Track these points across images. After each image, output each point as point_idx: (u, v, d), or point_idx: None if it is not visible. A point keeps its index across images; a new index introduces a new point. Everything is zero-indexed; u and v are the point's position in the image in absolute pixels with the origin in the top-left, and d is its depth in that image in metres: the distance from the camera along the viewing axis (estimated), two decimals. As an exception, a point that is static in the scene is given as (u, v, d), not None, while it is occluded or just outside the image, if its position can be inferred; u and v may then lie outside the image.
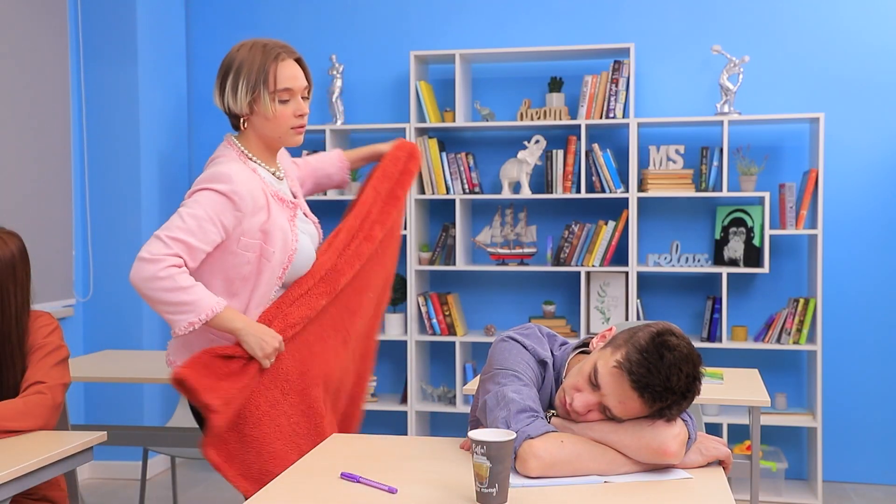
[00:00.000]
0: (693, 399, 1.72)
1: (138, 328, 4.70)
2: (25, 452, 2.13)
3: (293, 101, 2.17)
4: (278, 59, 2.14)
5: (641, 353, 1.68)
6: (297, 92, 2.18)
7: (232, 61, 2.16)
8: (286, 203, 2.23)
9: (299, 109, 2.19)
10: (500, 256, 4.55)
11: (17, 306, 2.40)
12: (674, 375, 1.66)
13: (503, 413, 1.75)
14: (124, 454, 4.65)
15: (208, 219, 2.09)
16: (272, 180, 2.24)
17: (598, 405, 1.73)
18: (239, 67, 2.14)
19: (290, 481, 1.75)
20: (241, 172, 2.14)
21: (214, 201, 2.09)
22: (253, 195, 2.13)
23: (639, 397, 1.67)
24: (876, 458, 4.49)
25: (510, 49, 4.53)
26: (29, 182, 4.23)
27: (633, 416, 1.71)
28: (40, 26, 4.31)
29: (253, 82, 2.12)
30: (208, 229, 2.09)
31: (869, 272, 4.48)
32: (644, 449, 1.70)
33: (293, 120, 2.18)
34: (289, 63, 2.17)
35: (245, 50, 2.16)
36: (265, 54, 2.13)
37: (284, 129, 2.19)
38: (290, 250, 2.20)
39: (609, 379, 1.70)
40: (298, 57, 2.22)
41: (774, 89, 4.53)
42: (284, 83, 2.14)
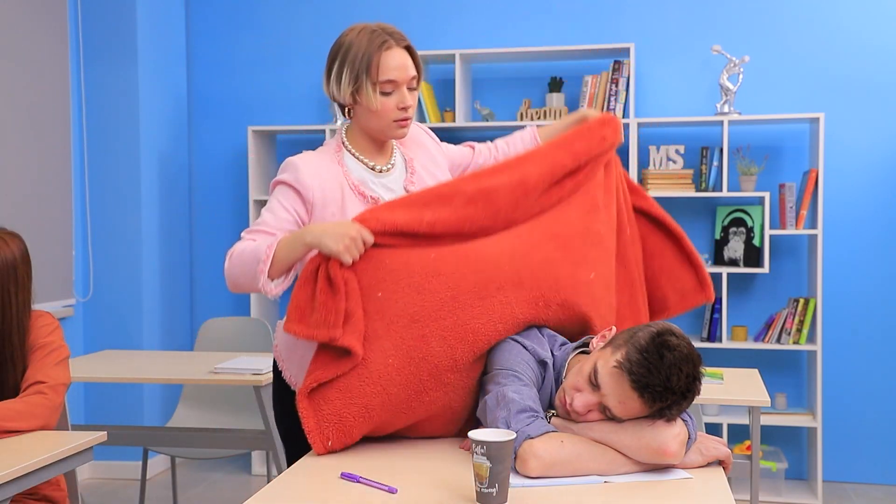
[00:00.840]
0: (693, 399, 1.72)
1: (138, 328, 4.70)
2: (25, 452, 2.13)
3: (397, 93, 2.04)
4: (383, 48, 2.02)
5: (641, 353, 1.68)
6: (401, 83, 2.04)
7: (339, 47, 2.08)
8: (366, 199, 2.09)
9: (402, 101, 2.05)
10: (500, 256, 4.54)
11: (18, 307, 2.41)
12: (674, 375, 1.66)
13: (503, 413, 1.75)
14: (124, 454, 4.65)
15: (281, 208, 2.04)
16: (362, 172, 2.12)
17: (598, 405, 1.73)
18: (344, 55, 2.05)
19: (290, 481, 1.75)
20: (311, 163, 2.07)
21: (283, 193, 2.05)
22: (323, 186, 2.05)
23: (639, 397, 1.67)
24: (876, 458, 4.49)
25: (510, 49, 4.53)
26: (29, 182, 4.23)
27: (633, 417, 1.71)
28: (40, 26, 4.31)
29: (356, 72, 2.02)
30: (283, 217, 2.04)
31: (869, 272, 4.48)
32: (644, 449, 1.70)
33: (396, 112, 2.05)
34: (395, 52, 2.04)
35: (353, 35, 2.07)
36: (370, 42, 2.03)
37: (387, 122, 2.06)
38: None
39: (609, 379, 1.70)
40: (408, 44, 2.08)
41: (774, 89, 4.53)
42: (388, 74, 2.02)
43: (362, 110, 2.07)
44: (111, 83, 4.68)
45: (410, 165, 2.19)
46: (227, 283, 2.06)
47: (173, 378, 3.41)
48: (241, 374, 3.23)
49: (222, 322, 4.11)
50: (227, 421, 3.86)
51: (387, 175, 2.15)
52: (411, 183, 2.16)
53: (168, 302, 4.91)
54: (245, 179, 4.95)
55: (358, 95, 2.04)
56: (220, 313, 5.00)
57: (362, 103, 2.05)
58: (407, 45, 2.06)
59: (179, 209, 5.04)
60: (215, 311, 5.03)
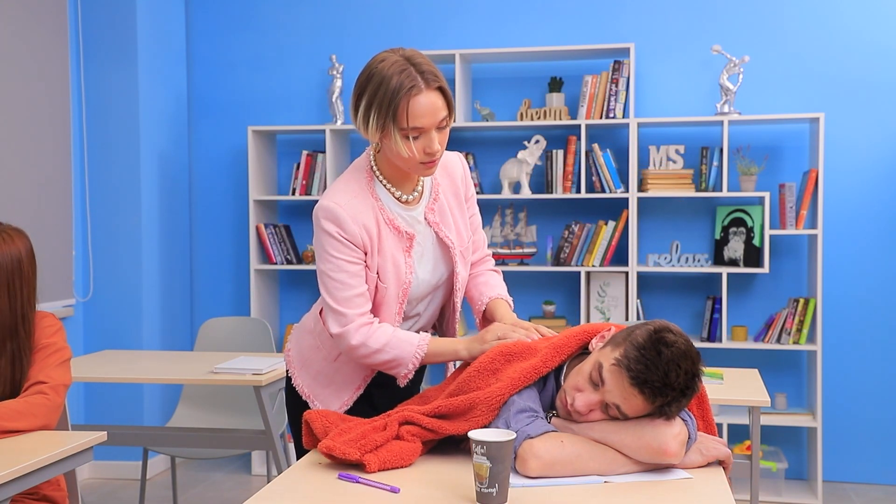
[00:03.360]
0: (693, 395, 1.72)
1: (138, 328, 4.70)
2: (25, 452, 2.13)
3: (424, 137, 1.95)
4: (411, 94, 1.91)
5: (639, 350, 1.68)
6: (429, 129, 1.95)
7: (367, 82, 1.97)
8: (402, 234, 2.06)
9: (429, 146, 1.96)
10: (501, 256, 4.55)
11: (24, 302, 2.42)
12: (672, 371, 1.67)
13: (503, 413, 1.77)
14: (124, 454, 4.65)
15: (346, 263, 2.01)
16: (393, 205, 2.07)
17: (599, 404, 1.74)
18: (372, 95, 1.95)
19: (290, 481, 1.75)
20: (350, 207, 2.01)
21: (337, 247, 2.01)
22: (364, 230, 2.01)
23: (639, 393, 1.68)
24: (876, 458, 4.49)
25: (510, 49, 4.53)
26: (29, 182, 4.23)
27: (636, 414, 1.71)
28: (40, 26, 4.31)
29: (383, 118, 1.93)
30: (355, 272, 2.02)
31: (869, 272, 4.48)
32: (644, 449, 1.70)
33: (422, 156, 1.97)
34: (424, 96, 1.92)
35: (383, 69, 1.94)
36: (400, 84, 1.91)
37: (412, 164, 2.00)
38: (405, 283, 2.06)
39: (609, 376, 1.70)
40: (440, 85, 1.95)
41: (774, 89, 4.53)
42: (415, 122, 1.92)
43: (388, 147, 2.01)
44: (111, 83, 4.68)
45: (435, 191, 2.15)
46: (345, 353, 2.07)
47: (173, 378, 3.41)
48: (240, 374, 3.23)
49: (222, 322, 4.11)
50: (227, 421, 3.86)
51: (412, 207, 2.10)
52: (431, 211, 2.12)
53: (168, 302, 4.91)
54: (245, 179, 4.95)
55: (385, 140, 1.98)
56: (220, 313, 5.00)
57: (389, 144, 1.99)
58: (439, 86, 1.96)
59: (179, 209, 5.04)
60: (215, 311, 5.03)
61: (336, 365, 2.14)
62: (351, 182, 2.07)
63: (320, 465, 1.83)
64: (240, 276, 5.08)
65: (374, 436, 1.82)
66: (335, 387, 2.17)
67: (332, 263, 2.01)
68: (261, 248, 4.81)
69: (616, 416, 1.73)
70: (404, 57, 1.96)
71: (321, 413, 1.95)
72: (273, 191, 4.95)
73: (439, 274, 2.15)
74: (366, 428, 1.86)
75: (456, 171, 2.21)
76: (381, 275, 2.04)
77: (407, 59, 1.95)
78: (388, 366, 2.04)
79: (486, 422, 1.79)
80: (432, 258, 2.13)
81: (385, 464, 1.78)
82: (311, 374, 2.20)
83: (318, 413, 1.94)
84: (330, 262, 2.02)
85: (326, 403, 2.17)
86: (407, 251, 2.07)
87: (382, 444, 1.82)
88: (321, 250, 2.03)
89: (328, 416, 1.95)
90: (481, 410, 1.81)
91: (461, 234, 2.18)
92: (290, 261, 4.79)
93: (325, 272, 2.03)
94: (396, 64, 1.94)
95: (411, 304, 2.13)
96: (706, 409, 1.92)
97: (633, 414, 1.71)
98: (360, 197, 2.04)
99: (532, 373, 1.83)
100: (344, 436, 1.83)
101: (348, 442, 1.80)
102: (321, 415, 1.94)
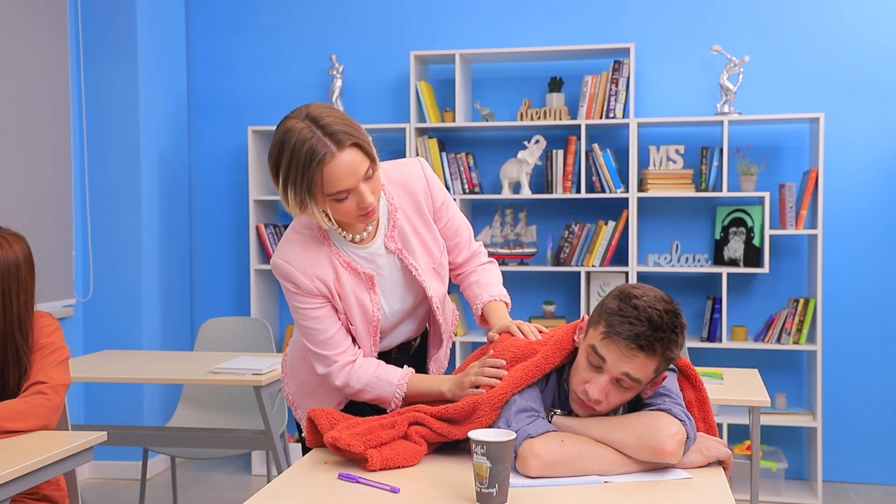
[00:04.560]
0: (684, 333, 1.75)
1: (138, 328, 4.70)
2: (25, 452, 2.13)
3: (353, 195, 1.85)
4: (324, 162, 1.80)
5: (617, 314, 1.72)
6: (354, 186, 1.84)
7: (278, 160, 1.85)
8: (360, 275, 2.01)
9: (361, 202, 1.86)
10: (501, 256, 4.55)
11: (20, 308, 2.41)
12: (654, 315, 1.70)
13: (504, 412, 1.78)
14: (124, 454, 4.65)
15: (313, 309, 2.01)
16: (347, 247, 2.01)
17: (610, 383, 1.74)
18: (286, 172, 1.84)
19: (290, 481, 1.75)
20: (299, 259, 1.97)
21: (300, 300, 2.00)
22: (318, 281, 1.98)
23: (638, 350, 1.70)
24: (876, 458, 4.49)
25: (510, 49, 4.53)
26: (29, 182, 4.23)
27: (647, 374, 1.73)
28: (40, 26, 4.31)
29: (300, 197, 1.85)
30: (324, 315, 2.02)
31: (869, 272, 4.48)
32: (643, 448, 1.70)
33: (358, 211, 1.88)
34: (339, 159, 1.81)
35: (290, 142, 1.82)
36: (307, 158, 1.80)
37: (349, 222, 1.94)
38: (374, 321, 2.04)
39: (605, 351, 1.73)
40: (354, 140, 1.83)
41: (774, 89, 4.53)
42: (337, 186, 1.82)
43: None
44: (111, 83, 4.68)
45: (393, 217, 2.05)
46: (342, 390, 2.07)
47: (173, 378, 3.41)
48: (240, 374, 3.23)
49: (222, 322, 4.11)
50: (226, 421, 3.86)
51: (368, 244, 2.03)
52: (391, 239, 2.04)
53: (168, 302, 4.91)
54: (245, 179, 4.95)
55: (303, 213, 1.91)
56: (220, 313, 5.00)
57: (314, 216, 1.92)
58: (354, 142, 1.83)
59: (179, 209, 5.04)
60: (215, 311, 5.03)
61: (319, 379, 2.12)
62: (303, 231, 2.01)
63: (321, 464, 1.83)
64: (240, 276, 5.08)
65: (380, 433, 1.83)
66: (318, 398, 2.17)
67: (299, 314, 2.03)
68: (261, 248, 4.81)
69: (632, 387, 1.74)
70: (310, 119, 1.83)
71: (326, 411, 1.95)
72: (273, 191, 4.95)
73: (410, 299, 2.12)
74: (373, 424, 1.86)
75: (416, 186, 2.08)
76: (348, 315, 2.03)
77: (313, 122, 1.82)
78: (374, 402, 2.06)
79: (489, 422, 1.80)
80: (400, 286, 2.09)
81: (388, 462, 1.78)
82: (296, 382, 2.23)
83: (324, 411, 1.95)
84: (298, 313, 2.03)
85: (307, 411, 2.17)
86: (371, 289, 2.03)
87: (388, 442, 1.82)
88: (288, 301, 2.05)
89: (333, 413, 1.95)
90: (484, 410, 1.81)
91: (431, 253, 2.11)
92: (290, 261, 4.78)
93: (298, 321, 2.05)
94: (303, 132, 1.81)
95: (385, 332, 2.12)
96: (707, 410, 1.92)
97: (644, 375, 1.73)
98: (311, 247, 1.99)
99: (534, 370, 1.84)
100: (351, 429, 1.84)
101: (354, 435, 1.80)
102: (326, 412, 1.95)
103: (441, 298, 2.16)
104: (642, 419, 1.73)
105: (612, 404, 1.77)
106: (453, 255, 2.21)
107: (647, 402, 1.80)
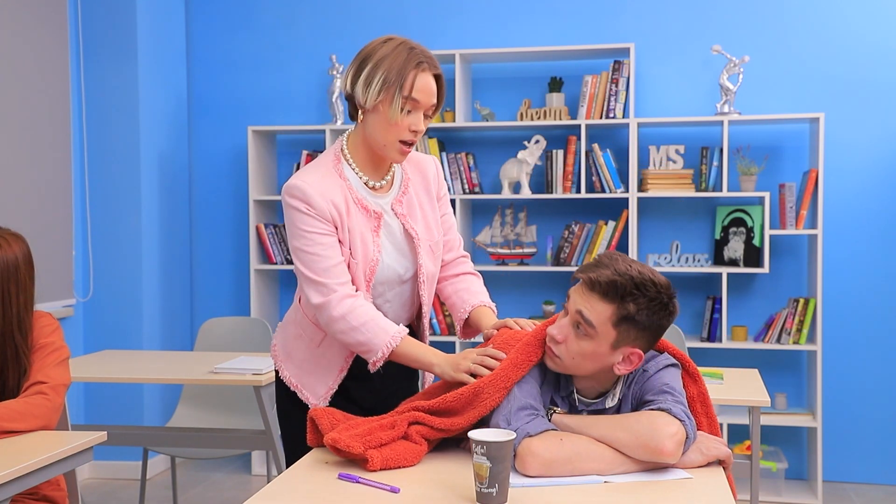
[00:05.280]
0: (651, 292, 1.78)
1: (138, 328, 4.70)
2: (25, 452, 2.13)
3: (414, 114, 2.04)
4: (419, 68, 2.02)
5: (592, 263, 1.82)
6: (422, 107, 2.04)
7: (373, 52, 2.04)
8: (370, 213, 2.10)
9: (416, 125, 2.04)
10: (500, 256, 4.55)
11: (19, 308, 2.40)
12: (621, 264, 1.78)
13: (504, 410, 1.78)
14: (124, 454, 4.65)
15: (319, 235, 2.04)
16: (361, 188, 2.12)
17: (570, 325, 1.80)
18: (380, 61, 2.02)
19: (290, 481, 1.75)
20: (316, 182, 2.06)
21: (306, 221, 2.04)
22: (332, 205, 2.05)
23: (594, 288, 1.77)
24: (876, 458, 4.49)
25: (510, 49, 4.53)
26: (29, 182, 4.23)
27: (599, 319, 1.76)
28: (40, 26, 4.31)
29: (391, 81, 2.00)
30: (328, 243, 2.05)
31: (869, 272, 4.48)
32: (641, 447, 1.71)
33: (405, 133, 2.04)
34: (427, 75, 2.03)
35: (391, 46, 2.04)
36: (409, 58, 2.02)
37: (392, 139, 2.05)
38: (373, 261, 2.09)
39: (573, 293, 1.82)
40: (439, 73, 2.07)
41: (774, 89, 4.53)
42: (416, 94, 2.02)
43: (375, 119, 2.05)
44: (111, 83, 4.68)
45: (405, 184, 2.20)
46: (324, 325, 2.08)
47: (173, 378, 3.41)
48: (240, 374, 3.23)
49: (222, 322, 4.11)
50: (226, 421, 3.86)
51: (380, 195, 2.15)
52: (399, 203, 2.16)
53: (168, 302, 4.91)
54: (245, 179, 4.95)
55: (382, 104, 2.02)
56: (220, 313, 5.00)
57: (382, 112, 2.03)
58: (438, 74, 2.07)
59: (179, 209, 5.04)
60: (215, 311, 5.04)
61: (320, 350, 2.16)
62: (319, 165, 2.12)
63: (321, 464, 1.83)
64: (240, 276, 5.08)
65: (380, 434, 1.83)
66: (320, 372, 2.18)
67: (305, 238, 2.05)
68: (261, 248, 4.81)
69: (588, 334, 1.77)
70: (411, 41, 2.07)
71: (327, 410, 1.96)
72: (273, 191, 4.94)
73: (405, 265, 2.17)
74: (373, 426, 1.86)
75: (428, 170, 2.27)
76: (352, 250, 2.08)
77: (415, 43, 2.07)
78: (360, 348, 2.04)
79: (493, 405, 1.81)
80: (399, 248, 2.16)
81: (388, 462, 1.78)
82: (295, 364, 2.22)
83: (325, 410, 1.95)
84: (303, 238, 2.05)
85: (313, 389, 2.18)
86: (375, 231, 2.11)
87: (388, 443, 1.82)
88: (292, 227, 2.07)
89: (334, 413, 1.96)
90: (488, 393, 1.83)
91: (430, 230, 2.21)
92: (290, 261, 4.79)
93: (299, 248, 2.06)
94: (405, 43, 2.05)
95: (377, 288, 2.14)
96: (709, 405, 1.92)
97: (597, 319, 1.76)
98: (328, 177, 2.09)
99: (529, 350, 1.86)
100: (350, 431, 1.84)
101: (354, 436, 1.80)
102: (327, 412, 1.95)
103: (430, 277, 2.21)
104: (642, 419, 1.73)
105: (570, 353, 1.80)
106: (443, 250, 2.28)
107: (648, 399, 1.81)
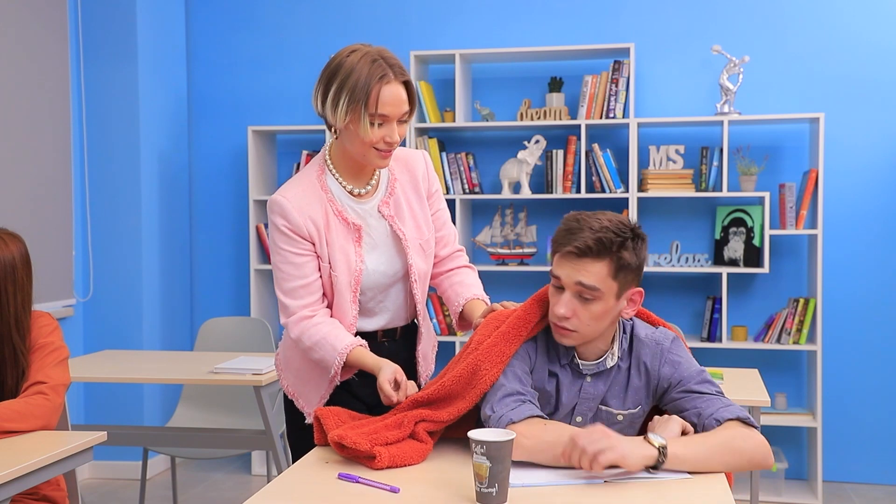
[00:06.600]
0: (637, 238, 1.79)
1: (138, 328, 4.70)
2: (25, 452, 2.13)
3: (386, 126, 2.04)
4: (383, 81, 2.01)
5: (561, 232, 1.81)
6: (393, 118, 2.04)
7: (337, 69, 2.04)
8: (349, 225, 2.13)
9: (390, 136, 2.05)
10: (500, 256, 4.55)
11: (17, 308, 2.40)
12: (594, 223, 1.77)
13: (491, 397, 1.82)
14: (124, 454, 4.65)
15: (294, 255, 2.10)
16: (344, 197, 2.15)
17: (573, 298, 1.78)
18: (344, 79, 2.02)
19: (290, 481, 1.75)
20: (296, 198, 2.10)
21: (285, 240, 2.10)
22: (310, 221, 2.09)
23: (582, 255, 1.76)
24: (876, 458, 4.49)
25: (510, 49, 4.53)
26: (29, 182, 4.23)
27: (599, 279, 1.76)
28: (40, 26, 4.31)
29: (356, 99, 2.01)
30: (301, 263, 2.10)
31: (869, 272, 4.48)
32: (755, 466, 1.77)
33: (381, 144, 2.06)
34: (393, 86, 2.03)
35: (354, 59, 2.03)
36: (371, 72, 2.01)
37: (369, 151, 2.07)
38: (356, 272, 2.12)
39: (558, 270, 1.80)
40: (406, 79, 2.07)
41: (774, 89, 4.53)
42: (383, 108, 2.02)
43: (349, 136, 2.08)
44: (111, 83, 4.68)
45: (392, 186, 2.21)
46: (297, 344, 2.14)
47: (173, 378, 3.41)
48: (240, 374, 3.23)
49: (222, 322, 4.11)
50: (226, 421, 3.86)
51: (364, 200, 2.18)
52: (386, 205, 2.19)
53: (168, 302, 4.91)
54: (245, 179, 4.95)
55: (352, 123, 2.05)
56: (220, 313, 5.00)
57: (353, 130, 2.06)
58: (405, 80, 2.06)
59: (179, 209, 5.04)
60: (215, 311, 5.04)
61: (312, 365, 2.17)
62: (303, 178, 2.16)
63: (321, 464, 1.83)
64: (240, 276, 5.08)
65: (386, 433, 1.84)
66: (314, 382, 2.20)
67: (279, 255, 2.12)
68: (261, 248, 4.81)
69: (596, 297, 1.77)
70: (374, 50, 2.06)
71: (333, 410, 1.97)
72: (273, 191, 4.94)
73: (396, 266, 2.19)
74: (378, 425, 1.87)
75: (417, 167, 2.27)
76: (332, 264, 2.11)
77: (377, 53, 2.05)
78: (321, 364, 2.11)
79: (493, 379, 1.84)
80: (387, 250, 2.18)
81: (395, 460, 1.79)
82: (292, 373, 2.25)
83: (330, 410, 1.97)
84: (278, 254, 2.12)
85: (308, 399, 2.21)
86: (356, 242, 2.13)
87: (394, 443, 1.83)
88: (271, 241, 2.14)
89: (339, 413, 1.97)
90: (486, 369, 1.85)
91: (420, 228, 2.23)
92: (290, 261, 4.78)
93: (275, 263, 2.14)
94: (368, 54, 2.04)
95: (367, 294, 2.17)
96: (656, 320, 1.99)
97: (599, 281, 1.76)
98: (309, 191, 2.13)
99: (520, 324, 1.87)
100: (357, 429, 1.85)
101: (361, 434, 1.81)
102: (333, 412, 1.96)
103: (422, 275, 2.23)
104: (738, 439, 1.74)
105: (584, 322, 1.79)
106: (437, 246, 2.31)
107: (692, 389, 1.84)
